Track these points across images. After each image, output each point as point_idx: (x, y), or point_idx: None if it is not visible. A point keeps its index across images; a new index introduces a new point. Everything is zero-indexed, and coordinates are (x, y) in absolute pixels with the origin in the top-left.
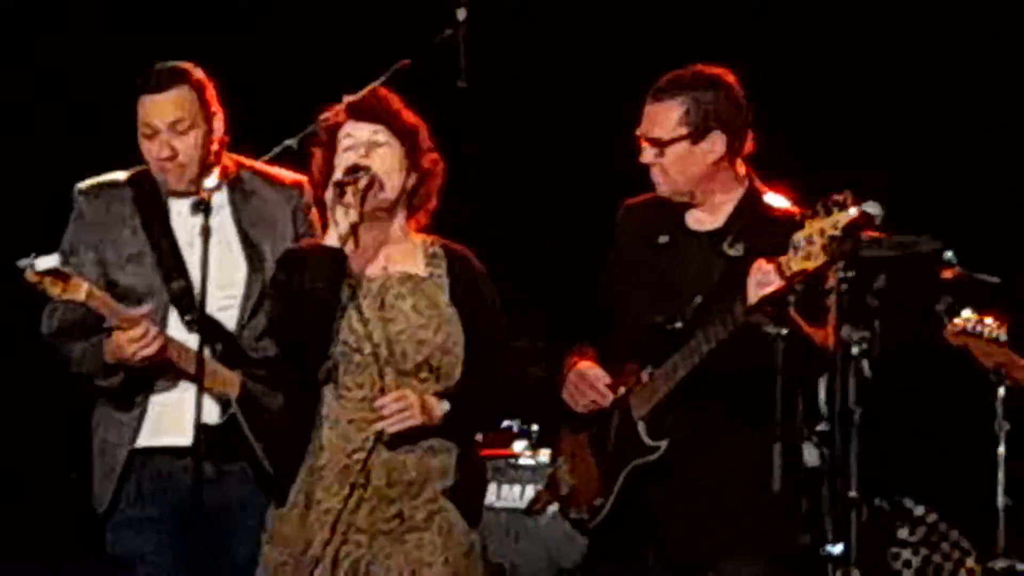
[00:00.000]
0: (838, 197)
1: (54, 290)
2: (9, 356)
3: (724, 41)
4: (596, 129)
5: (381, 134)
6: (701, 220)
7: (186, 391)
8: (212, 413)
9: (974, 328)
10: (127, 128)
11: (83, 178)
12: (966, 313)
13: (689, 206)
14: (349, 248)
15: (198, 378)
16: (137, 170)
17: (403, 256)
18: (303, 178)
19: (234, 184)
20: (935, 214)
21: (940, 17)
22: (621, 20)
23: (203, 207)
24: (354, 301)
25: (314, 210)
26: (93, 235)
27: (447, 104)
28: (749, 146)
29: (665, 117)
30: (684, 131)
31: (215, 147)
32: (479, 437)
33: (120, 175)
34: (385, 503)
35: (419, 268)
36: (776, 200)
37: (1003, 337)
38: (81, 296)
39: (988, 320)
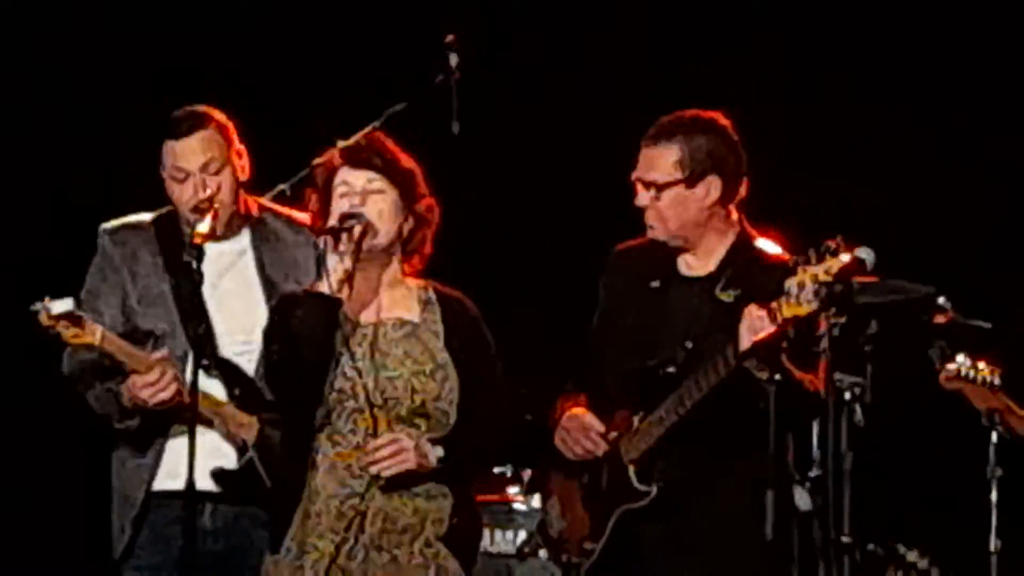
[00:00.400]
0: (830, 243)
1: (68, 334)
2: (26, 395)
3: (724, 41)
4: (589, 172)
5: (377, 181)
6: (693, 265)
7: (203, 435)
8: (230, 457)
9: (968, 373)
10: (149, 167)
11: (104, 217)
12: (960, 359)
13: (680, 251)
14: (343, 294)
15: (190, 423)
16: (161, 212)
17: (397, 301)
18: None
19: (256, 226)
20: (926, 259)
21: (940, 19)
22: (620, 32)
23: (196, 252)
24: (348, 347)
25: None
26: (116, 276)
27: (440, 149)
28: (743, 191)
29: (661, 161)
30: (680, 175)
31: (241, 190)
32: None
33: (145, 216)
34: (379, 550)
35: (413, 314)
36: (767, 245)
37: (997, 382)
38: (96, 340)
39: (982, 365)
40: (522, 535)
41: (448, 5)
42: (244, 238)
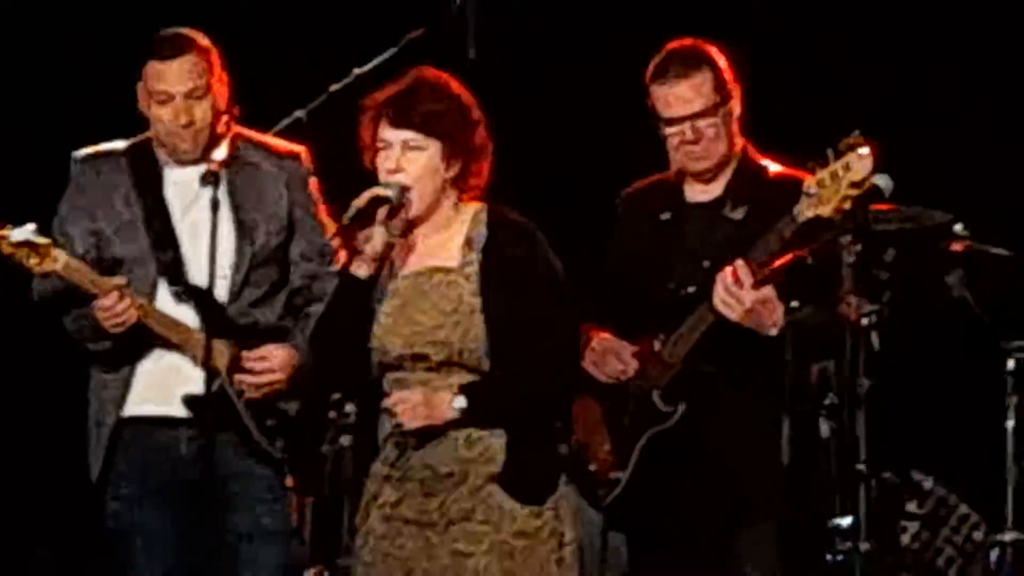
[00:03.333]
0: (848, 140)
1: (30, 262)
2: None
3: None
4: (608, 103)
5: (414, 140)
6: (700, 192)
7: (174, 361)
8: (200, 384)
9: None
10: (122, 95)
11: (72, 146)
12: None
13: (687, 181)
14: (375, 269)
15: (205, 351)
16: (136, 140)
17: (438, 247)
18: (301, 148)
19: (229, 155)
20: (945, 185)
21: None
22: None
23: (213, 179)
24: (381, 303)
25: (313, 179)
26: (88, 203)
27: (458, 74)
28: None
29: (702, 89)
30: (719, 97)
31: (224, 116)
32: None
33: (119, 144)
34: (427, 496)
35: (452, 259)
36: (770, 164)
37: None
38: (58, 267)
39: None
40: None
41: None
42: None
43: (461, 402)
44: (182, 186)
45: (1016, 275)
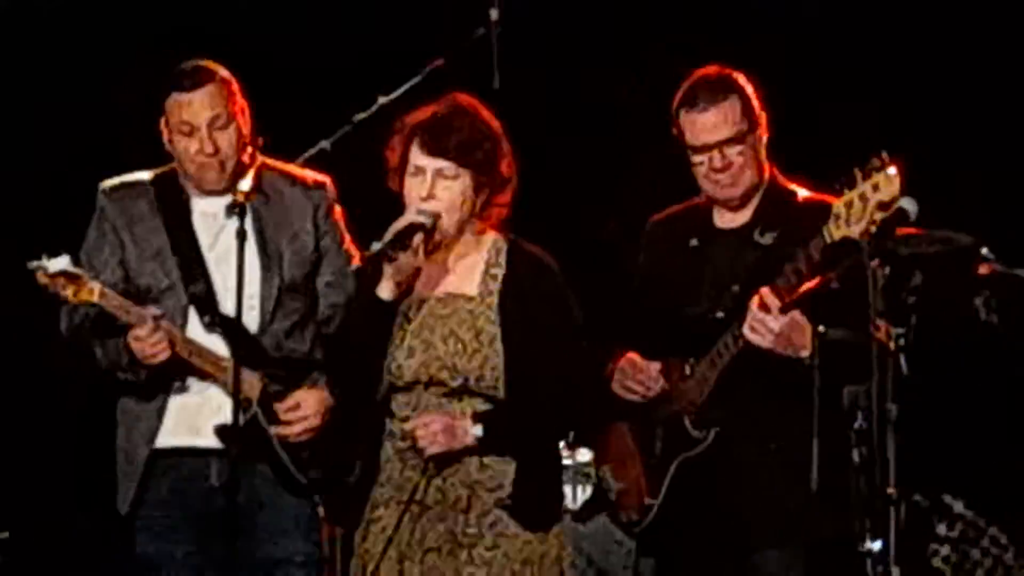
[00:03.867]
0: (875, 161)
1: (66, 292)
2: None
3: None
4: (631, 129)
5: (448, 169)
6: (728, 218)
7: (205, 391)
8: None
9: None
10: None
11: (100, 178)
12: None
13: (716, 208)
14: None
15: (234, 380)
16: (161, 170)
17: (460, 274)
18: (326, 178)
19: (255, 186)
20: (970, 209)
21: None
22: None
23: (239, 210)
24: (401, 325)
25: (339, 209)
26: (115, 234)
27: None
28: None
29: (730, 116)
30: (747, 125)
31: (249, 147)
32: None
33: (144, 175)
34: (436, 520)
35: (471, 287)
36: (798, 188)
37: None
38: (94, 297)
39: None
40: (567, 490)
41: None
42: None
43: (479, 431)
44: (209, 216)
45: None
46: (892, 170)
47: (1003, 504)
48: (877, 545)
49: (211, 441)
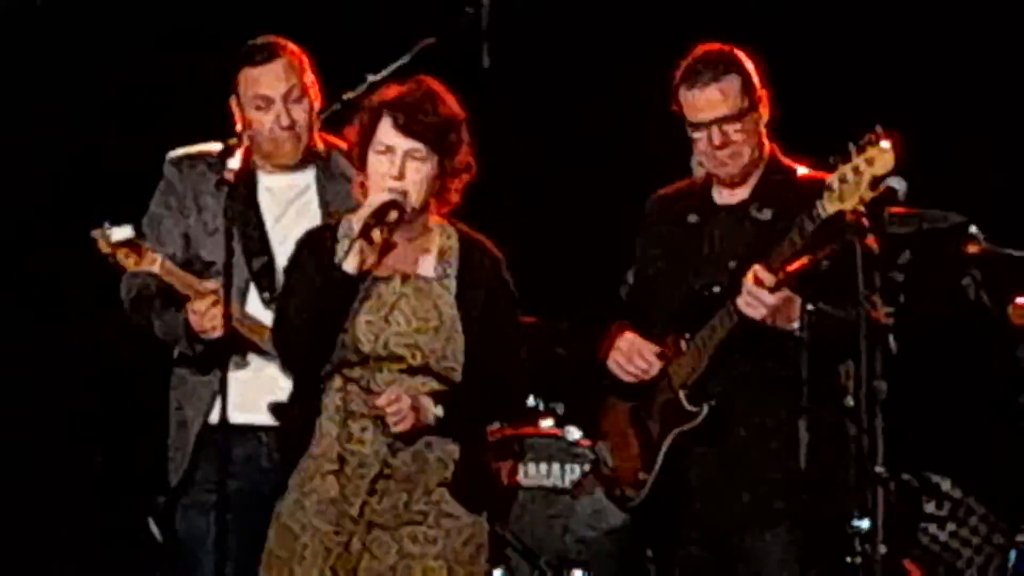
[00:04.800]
0: (869, 135)
1: (127, 261)
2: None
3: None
4: (622, 108)
5: (419, 151)
6: (727, 195)
7: (262, 369)
8: (285, 391)
9: None
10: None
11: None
12: None
13: (711, 186)
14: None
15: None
16: (229, 143)
17: (415, 255)
18: None
19: (322, 162)
20: (959, 187)
21: None
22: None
23: (228, 189)
24: (359, 301)
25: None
26: (179, 205)
27: (471, 83)
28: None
29: (729, 93)
30: (748, 102)
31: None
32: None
33: (213, 147)
34: (380, 496)
35: (428, 268)
36: (799, 166)
37: None
38: (156, 268)
39: None
40: (555, 468)
41: None
42: (309, 174)
43: (439, 411)
44: (275, 192)
45: None
46: (886, 143)
47: (991, 483)
48: (865, 524)
49: (265, 418)
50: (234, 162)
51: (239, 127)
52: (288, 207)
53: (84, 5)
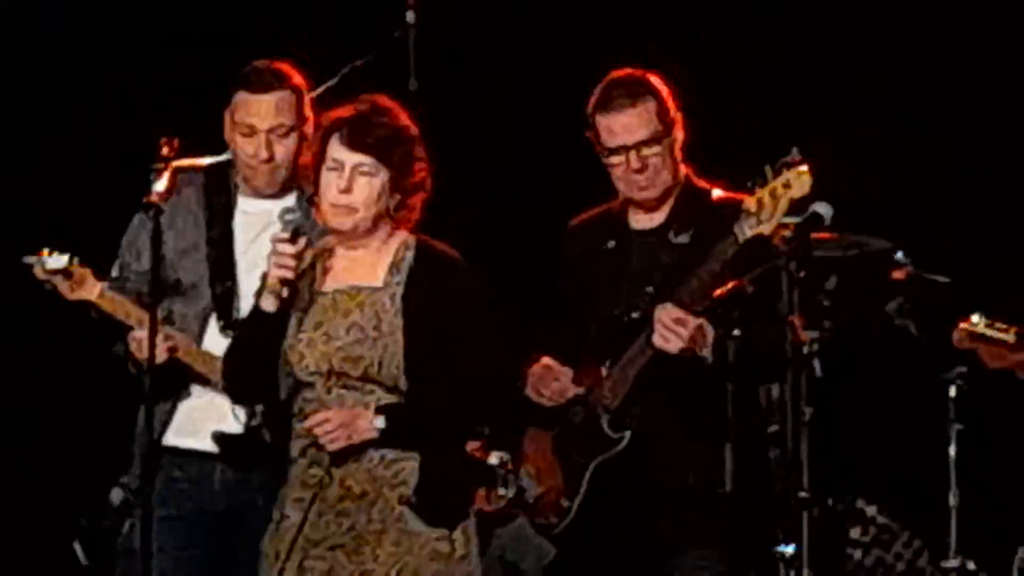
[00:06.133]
0: (786, 159)
1: (64, 288)
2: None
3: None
4: (551, 129)
5: (368, 165)
6: (644, 220)
7: (212, 396)
8: (238, 421)
9: (984, 332)
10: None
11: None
12: (975, 318)
13: (631, 210)
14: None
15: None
16: (217, 160)
17: (364, 267)
18: None
19: (305, 190)
20: (885, 214)
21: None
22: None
23: (153, 211)
24: (307, 317)
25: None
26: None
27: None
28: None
29: (645, 117)
30: (663, 125)
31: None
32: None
33: (200, 161)
34: (339, 516)
35: (376, 278)
36: (714, 189)
37: (1013, 340)
38: (92, 296)
39: (999, 324)
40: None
41: None
42: (290, 199)
43: (380, 422)
44: (252, 216)
45: (957, 302)
46: (803, 167)
47: (916, 508)
48: (790, 548)
49: (212, 446)
50: (160, 184)
51: (228, 136)
52: (263, 231)
53: (84, 5)
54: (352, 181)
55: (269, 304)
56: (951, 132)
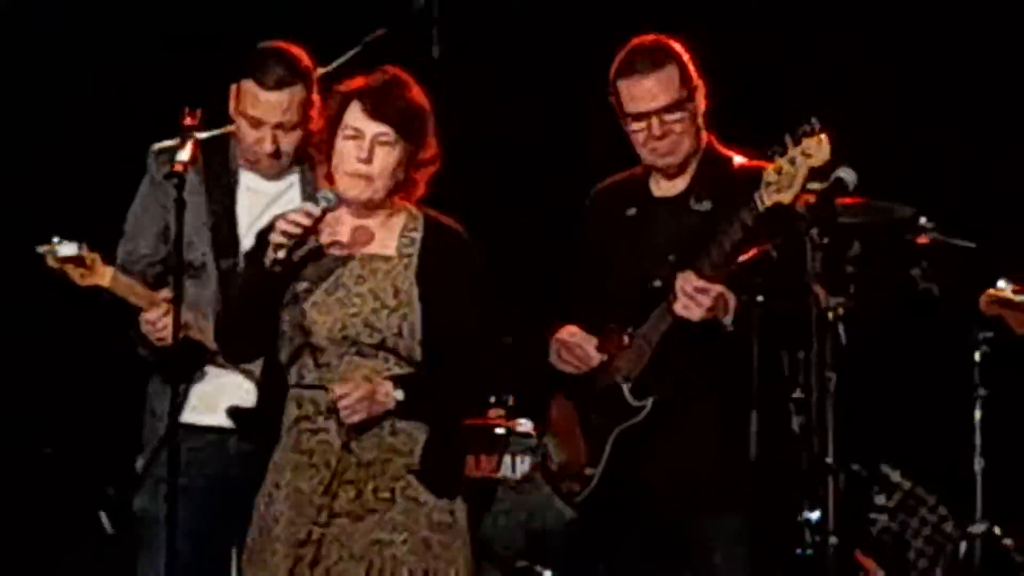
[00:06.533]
0: (805, 127)
1: (75, 275)
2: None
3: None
4: (574, 100)
5: (388, 135)
6: (666, 187)
7: (225, 374)
8: (251, 395)
9: (1011, 298)
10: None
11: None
12: (1001, 283)
13: (654, 177)
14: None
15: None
16: (214, 134)
17: (376, 235)
18: None
19: (308, 166)
20: (909, 179)
21: None
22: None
23: (177, 180)
24: (317, 283)
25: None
26: (161, 201)
27: (421, 74)
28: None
29: (668, 83)
30: (686, 92)
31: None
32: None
33: (198, 138)
34: (345, 484)
35: (389, 247)
36: (735, 156)
37: None
38: (105, 282)
39: None
40: (505, 459)
41: None
42: (292, 176)
43: (400, 395)
44: (256, 194)
45: (981, 267)
46: (823, 135)
47: (941, 474)
48: (816, 515)
49: (224, 420)
50: (184, 154)
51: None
52: (267, 209)
53: (84, 5)
54: (372, 151)
55: (276, 265)
56: (975, 97)
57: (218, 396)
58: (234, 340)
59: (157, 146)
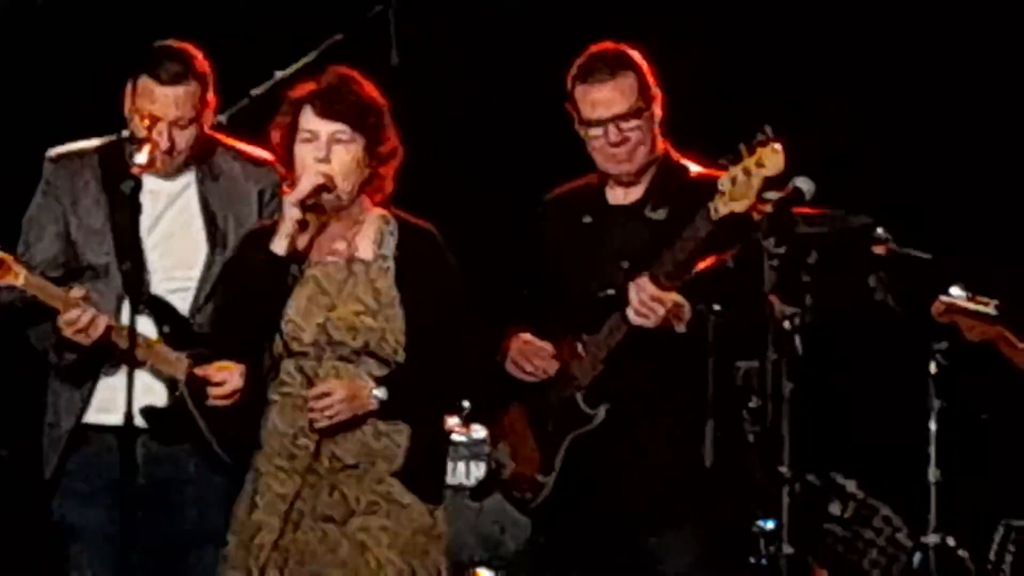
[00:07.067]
0: (759, 136)
1: None
2: None
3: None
4: (532, 104)
5: (344, 133)
6: (621, 195)
7: (135, 374)
8: (162, 395)
9: (964, 305)
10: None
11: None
12: (955, 290)
13: (605, 186)
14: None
15: (129, 359)
16: (109, 140)
17: (351, 239)
18: (271, 156)
19: (203, 162)
20: (866, 189)
21: None
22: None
23: (134, 183)
24: (297, 288)
25: (285, 188)
26: (58, 205)
27: (379, 81)
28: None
29: (625, 90)
30: (643, 100)
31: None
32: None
33: (92, 143)
34: (329, 488)
35: (365, 251)
36: (691, 164)
37: (993, 313)
38: (19, 282)
39: (979, 297)
40: (460, 466)
41: None
42: (188, 176)
43: (382, 393)
44: (154, 194)
45: (937, 278)
46: (777, 145)
47: (896, 484)
48: (770, 524)
49: (139, 421)
50: (142, 157)
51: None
52: (166, 209)
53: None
54: (329, 150)
55: (281, 247)
56: (935, 105)
57: (121, 396)
58: (237, 336)
59: (52, 151)
